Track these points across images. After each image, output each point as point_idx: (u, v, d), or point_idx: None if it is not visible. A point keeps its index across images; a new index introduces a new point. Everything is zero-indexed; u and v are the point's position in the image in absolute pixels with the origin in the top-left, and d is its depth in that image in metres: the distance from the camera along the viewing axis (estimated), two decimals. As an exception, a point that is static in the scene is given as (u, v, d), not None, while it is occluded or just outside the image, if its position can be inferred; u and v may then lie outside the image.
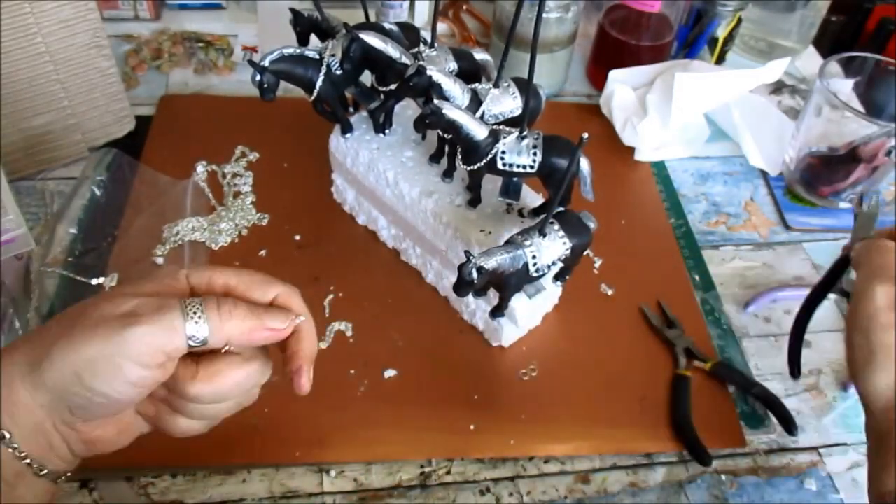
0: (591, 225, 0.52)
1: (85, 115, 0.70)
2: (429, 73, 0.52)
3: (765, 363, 0.62)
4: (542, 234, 0.49)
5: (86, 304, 0.36)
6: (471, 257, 0.46)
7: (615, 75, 0.81)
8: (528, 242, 0.49)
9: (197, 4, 0.90)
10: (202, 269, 0.39)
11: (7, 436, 0.34)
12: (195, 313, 0.35)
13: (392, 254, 0.66)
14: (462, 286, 0.48)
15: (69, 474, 0.38)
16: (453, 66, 0.58)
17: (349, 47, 0.55)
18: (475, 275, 0.47)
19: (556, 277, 0.57)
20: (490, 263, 0.47)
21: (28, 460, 0.35)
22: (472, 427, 0.55)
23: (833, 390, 0.61)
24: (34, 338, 0.36)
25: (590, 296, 0.65)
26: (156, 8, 0.88)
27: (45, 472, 0.36)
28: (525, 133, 0.51)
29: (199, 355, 0.38)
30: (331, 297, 0.62)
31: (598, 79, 0.86)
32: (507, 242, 0.50)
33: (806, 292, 0.67)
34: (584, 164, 0.52)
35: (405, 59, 0.55)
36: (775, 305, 0.67)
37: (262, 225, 0.68)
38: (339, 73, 0.56)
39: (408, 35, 0.60)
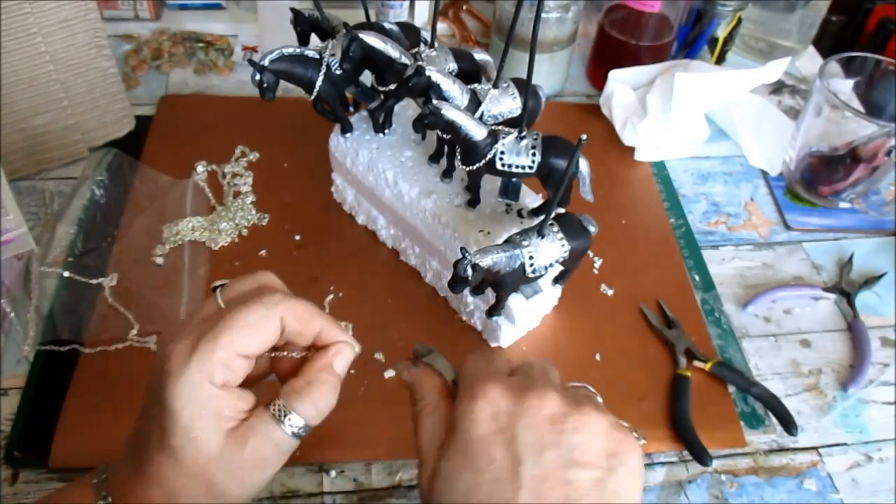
0: (592, 229, 0.52)
1: (85, 115, 0.70)
2: (428, 73, 0.52)
3: (765, 363, 0.62)
4: (541, 235, 0.49)
5: (200, 454, 0.37)
6: (466, 254, 0.46)
7: (615, 75, 0.81)
8: (525, 242, 0.49)
9: (197, 4, 0.90)
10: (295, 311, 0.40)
11: None
12: (286, 416, 0.38)
13: (392, 254, 0.66)
14: (457, 282, 0.47)
15: None
16: (453, 66, 0.58)
17: (349, 47, 0.55)
18: (470, 271, 0.47)
19: (555, 280, 0.57)
20: (485, 261, 0.47)
21: None
22: (471, 427, 0.55)
23: (833, 390, 0.61)
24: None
25: (590, 296, 0.65)
26: (156, 8, 0.88)
27: None
28: (524, 133, 0.51)
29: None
30: (331, 297, 0.62)
31: (598, 79, 0.86)
32: (505, 242, 0.50)
33: (806, 292, 0.67)
34: (583, 164, 0.52)
35: (405, 59, 0.55)
36: (775, 305, 0.67)
37: (262, 225, 0.68)
38: (338, 72, 0.56)
39: (408, 35, 0.60)
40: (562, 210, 0.54)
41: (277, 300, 0.39)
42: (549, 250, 0.50)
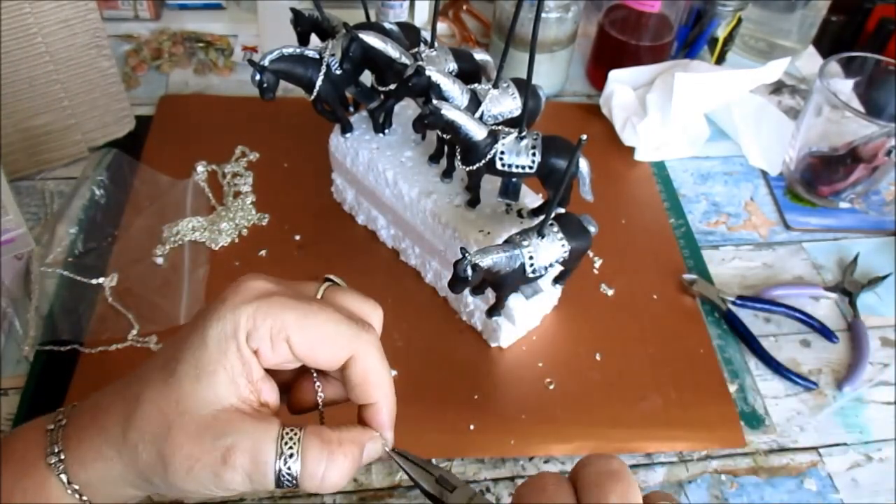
0: (592, 229, 0.52)
1: (85, 115, 0.70)
2: (427, 73, 0.52)
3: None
4: (541, 235, 0.49)
5: (188, 397, 0.32)
6: (466, 254, 0.46)
7: (615, 75, 0.81)
8: (525, 243, 0.49)
9: (197, 4, 0.90)
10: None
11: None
12: (290, 453, 0.32)
13: (392, 254, 0.66)
14: (457, 283, 0.47)
15: None
16: (453, 66, 0.58)
17: (349, 47, 0.55)
18: (470, 272, 0.47)
19: (555, 280, 0.57)
20: (485, 261, 0.47)
21: None
22: (472, 427, 0.55)
23: (833, 390, 0.61)
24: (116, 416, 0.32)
25: (590, 296, 0.65)
26: (156, 8, 0.88)
27: None
28: (524, 133, 0.51)
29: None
30: (330, 297, 0.62)
31: (598, 79, 0.86)
32: (505, 242, 0.50)
33: (806, 292, 0.67)
34: (583, 164, 0.52)
35: (405, 59, 0.55)
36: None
37: (262, 225, 0.68)
38: (338, 72, 0.56)
39: (408, 35, 0.60)
40: (562, 210, 0.54)
41: (365, 339, 0.35)
42: (549, 250, 0.50)
